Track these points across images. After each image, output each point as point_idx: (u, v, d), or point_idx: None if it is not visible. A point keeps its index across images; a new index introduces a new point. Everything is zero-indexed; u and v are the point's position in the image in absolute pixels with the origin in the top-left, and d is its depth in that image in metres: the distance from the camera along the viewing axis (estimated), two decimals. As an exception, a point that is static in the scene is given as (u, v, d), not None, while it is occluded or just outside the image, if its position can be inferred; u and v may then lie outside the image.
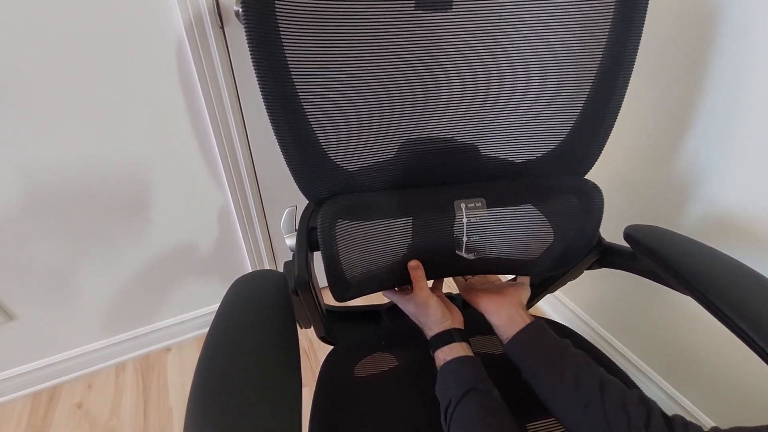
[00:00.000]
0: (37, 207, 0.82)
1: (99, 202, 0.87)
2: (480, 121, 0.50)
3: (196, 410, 0.32)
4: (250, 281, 0.44)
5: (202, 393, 0.33)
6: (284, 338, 0.39)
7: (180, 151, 0.88)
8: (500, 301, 0.53)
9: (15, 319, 0.93)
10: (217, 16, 0.78)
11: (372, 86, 0.45)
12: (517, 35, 0.45)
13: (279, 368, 0.36)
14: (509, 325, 0.50)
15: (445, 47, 0.45)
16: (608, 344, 1.03)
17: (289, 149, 0.45)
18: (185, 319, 1.15)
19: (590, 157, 0.52)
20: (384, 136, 0.49)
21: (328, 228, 0.49)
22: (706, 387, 0.83)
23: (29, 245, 0.86)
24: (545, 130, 0.51)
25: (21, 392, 1.04)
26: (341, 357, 0.61)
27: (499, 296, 0.54)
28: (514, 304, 0.53)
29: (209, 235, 1.03)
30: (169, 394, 1.05)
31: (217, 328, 0.38)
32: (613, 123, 0.49)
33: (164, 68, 0.78)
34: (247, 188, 1.00)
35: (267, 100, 0.42)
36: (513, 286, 0.57)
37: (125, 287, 1.01)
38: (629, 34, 0.44)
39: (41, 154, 0.77)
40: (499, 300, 0.54)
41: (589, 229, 0.54)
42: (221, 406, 0.32)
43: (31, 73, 0.70)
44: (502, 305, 0.53)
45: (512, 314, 0.51)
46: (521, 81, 0.48)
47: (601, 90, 0.48)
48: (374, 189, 0.52)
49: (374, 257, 0.53)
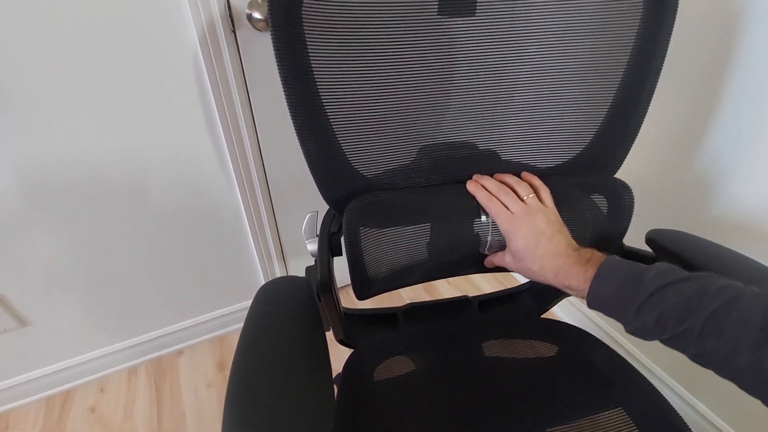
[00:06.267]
0: (46, 214, 0.82)
1: (109, 206, 0.87)
2: (501, 128, 0.50)
3: (233, 414, 0.32)
4: (278, 287, 0.44)
5: (240, 399, 0.34)
6: (314, 343, 0.39)
7: (190, 154, 0.88)
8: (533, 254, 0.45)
9: (28, 325, 0.93)
10: (228, 20, 0.78)
11: (393, 91, 0.45)
12: (539, 44, 0.45)
13: (312, 373, 0.36)
14: (566, 279, 0.43)
15: (466, 54, 0.45)
16: (623, 348, 1.02)
17: (312, 153, 0.46)
18: (197, 322, 1.15)
19: (615, 161, 0.52)
20: (404, 142, 0.49)
21: (352, 229, 0.49)
22: (723, 393, 0.82)
23: (41, 251, 0.86)
24: (568, 138, 0.51)
25: (35, 396, 1.04)
26: (361, 361, 0.61)
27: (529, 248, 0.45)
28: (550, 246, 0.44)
29: (221, 238, 1.04)
30: (182, 398, 1.05)
31: (249, 335, 0.38)
32: (638, 127, 0.49)
33: (175, 72, 0.78)
34: (257, 192, 1.00)
35: (291, 106, 0.43)
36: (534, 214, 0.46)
37: (137, 291, 1.01)
38: (657, 40, 0.44)
39: (53, 157, 0.77)
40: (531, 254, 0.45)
41: (618, 228, 0.53)
42: (259, 411, 0.33)
43: (42, 75, 0.70)
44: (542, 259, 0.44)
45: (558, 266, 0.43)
46: (542, 88, 0.48)
47: (626, 97, 0.47)
48: (395, 189, 0.52)
49: (397, 255, 0.54)
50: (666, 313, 0.35)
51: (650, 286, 0.37)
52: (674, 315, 0.35)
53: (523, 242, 0.46)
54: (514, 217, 0.47)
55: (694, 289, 0.35)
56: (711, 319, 0.33)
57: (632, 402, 0.51)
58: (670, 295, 0.36)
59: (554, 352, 0.61)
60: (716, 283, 0.35)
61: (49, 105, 0.72)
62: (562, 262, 0.43)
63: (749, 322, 0.32)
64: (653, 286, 0.36)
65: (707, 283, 0.35)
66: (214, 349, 1.18)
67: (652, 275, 0.37)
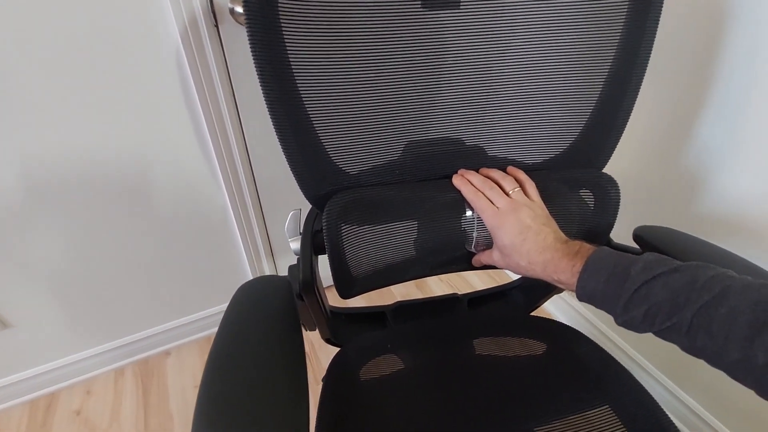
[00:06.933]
0: (28, 216, 0.80)
1: (93, 206, 0.85)
2: (487, 124, 0.49)
3: (202, 423, 0.31)
4: (254, 288, 0.43)
5: (208, 406, 0.33)
6: (289, 346, 0.38)
7: (176, 153, 0.87)
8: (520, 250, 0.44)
9: (11, 327, 0.91)
10: (211, 15, 0.76)
11: (375, 86, 0.44)
12: (526, 37, 0.44)
13: (286, 377, 0.35)
14: (555, 273, 0.42)
15: (451, 48, 0.44)
16: (614, 344, 1.03)
17: (292, 150, 0.44)
18: (185, 322, 1.13)
19: (602, 156, 0.51)
20: (387, 138, 0.48)
21: (333, 226, 0.48)
22: (710, 386, 0.83)
23: (23, 253, 0.84)
24: (554, 133, 0.50)
25: (18, 400, 1.02)
26: (347, 360, 0.60)
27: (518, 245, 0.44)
28: (538, 240, 0.43)
29: (208, 237, 1.02)
30: (170, 399, 1.04)
31: (222, 338, 0.38)
32: (625, 122, 0.48)
33: (156, 69, 0.77)
34: (245, 190, 0.98)
35: (269, 102, 0.41)
36: (520, 209, 0.45)
37: (123, 290, 1.00)
38: (642, 35, 0.43)
39: (32, 158, 0.75)
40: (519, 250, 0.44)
41: (605, 223, 0.53)
42: (227, 418, 0.32)
43: (29, 72, 0.68)
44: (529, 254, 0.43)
45: (546, 260, 0.42)
46: (529, 83, 0.47)
47: (612, 91, 0.47)
48: (378, 186, 0.50)
49: (380, 253, 0.53)
50: (654, 308, 0.35)
51: (637, 280, 0.36)
52: (662, 310, 0.35)
53: (510, 238, 0.45)
54: (499, 213, 0.46)
55: (683, 282, 0.34)
56: (699, 314, 0.33)
57: (619, 400, 0.51)
58: (657, 290, 0.35)
59: (543, 350, 0.60)
60: (705, 273, 0.34)
61: (26, 105, 0.70)
62: (550, 256, 0.43)
63: (738, 315, 0.31)
64: (640, 279, 0.36)
65: (696, 275, 0.34)
66: (201, 349, 1.16)
67: (639, 268, 0.37)
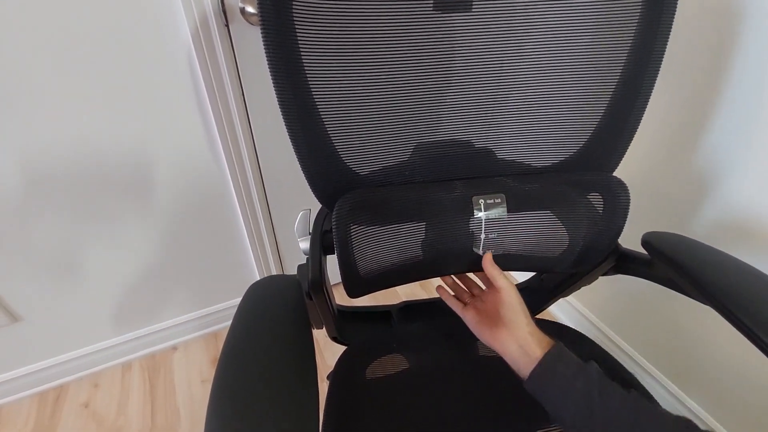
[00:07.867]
0: (37, 209, 0.81)
1: (103, 201, 0.86)
2: (497, 127, 0.49)
3: (216, 410, 0.32)
4: (265, 286, 0.44)
5: (222, 395, 0.33)
6: (300, 342, 0.39)
7: (184, 150, 0.87)
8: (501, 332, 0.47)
9: (20, 320, 0.93)
10: (222, 14, 0.77)
11: (386, 88, 0.44)
12: (538, 38, 0.44)
13: (297, 371, 0.36)
14: (521, 358, 0.44)
15: (462, 50, 0.44)
16: (618, 347, 1.02)
17: (302, 150, 0.45)
18: (192, 317, 1.14)
19: (613, 159, 0.51)
20: (398, 139, 0.48)
21: (342, 226, 0.48)
22: (714, 391, 0.82)
23: (33, 248, 0.85)
24: (565, 136, 0.50)
25: (27, 392, 1.04)
26: (353, 358, 0.61)
27: (500, 327, 0.48)
28: (516, 333, 0.46)
29: (216, 234, 1.03)
30: (176, 394, 1.05)
31: (235, 333, 0.38)
32: (637, 124, 0.48)
33: (168, 68, 0.77)
34: (252, 189, 0.99)
35: (282, 102, 0.42)
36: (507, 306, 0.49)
37: (131, 286, 1.01)
38: (656, 35, 0.43)
39: (40, 152, 0.76)
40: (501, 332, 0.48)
41: (614, 227, 0.53)
42: (242, 406, 0.32)
43: (44, 73, 0.69)
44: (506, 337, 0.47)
45: (520, 345, 0.45)
46: (540, 84, 0.47)
47: (625, 92, 0.47)
48: (388, 186, 0.51)
49: (389, 253, 0.53)
50: None
51: None
52: None
53: None
54: None
55: None
56: None
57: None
58: None
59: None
60: None
61: (42, 103, 0.71)
62: None
63: None
64: None
65: None
66: (208, 345, 1.17)
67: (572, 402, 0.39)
